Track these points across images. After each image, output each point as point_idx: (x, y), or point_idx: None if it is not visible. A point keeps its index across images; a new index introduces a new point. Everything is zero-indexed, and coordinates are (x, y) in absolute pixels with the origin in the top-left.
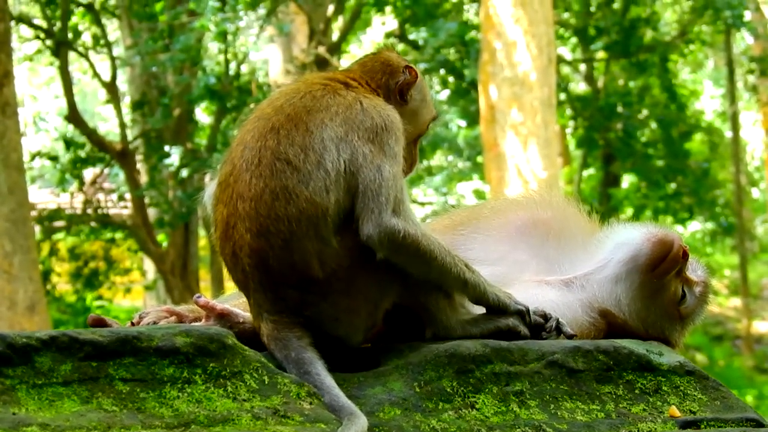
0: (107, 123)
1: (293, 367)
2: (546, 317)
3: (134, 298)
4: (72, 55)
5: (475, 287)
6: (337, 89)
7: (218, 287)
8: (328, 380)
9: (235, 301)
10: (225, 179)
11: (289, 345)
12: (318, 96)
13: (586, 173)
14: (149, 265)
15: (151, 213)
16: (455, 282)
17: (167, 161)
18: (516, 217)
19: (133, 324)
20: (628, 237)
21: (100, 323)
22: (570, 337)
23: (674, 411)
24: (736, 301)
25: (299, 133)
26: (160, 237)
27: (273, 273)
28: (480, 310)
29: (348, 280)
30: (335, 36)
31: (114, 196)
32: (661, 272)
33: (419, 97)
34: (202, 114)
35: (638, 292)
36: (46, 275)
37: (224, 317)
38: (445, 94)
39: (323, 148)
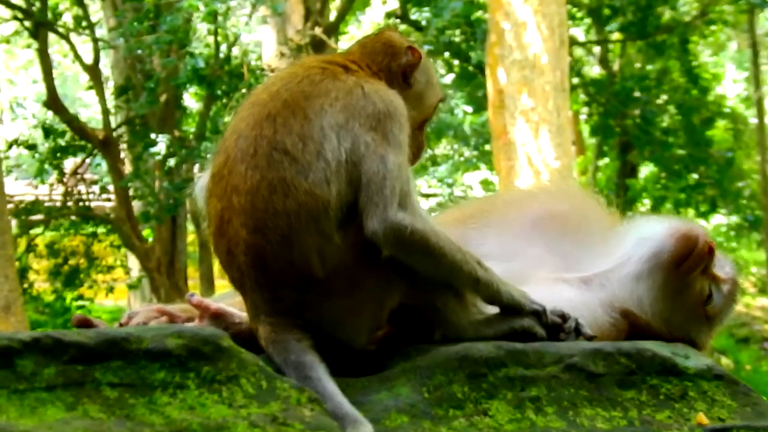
0: (89, 109)
1: (293, 372)
2: (564, 317)
3: (117, 298)
4: (52, 37)
5: (488, 285)
6: (337, 73)
7: (208, 286)
8: (330, 385)
9: (230, 300)
10: (218, 171)
11: (289, 348)
12: (316, 81)
13: (601, 163)
14: (134, 262)
15: (136, 206)
16: (467, 280)
17: (153, 150)
18: (531, 209)
19: (121, 324)
20: (651, 232)
21: (85, 324)
22: (590, 338)
23: (702, 418)
24: (764, 301)
25: (297, 121)
26: (146, 232)
27: (271, 271)
28: (493, 309)
29: (351, 279)
30: (333, 16)
31: (96, 188)
32: (685, 270)
33: (424, 80)
34: (191, 99)
35: (661, 291)
36: (23, 273)
37: (219, 317)
38: (450, 78)
39: (323, 137)
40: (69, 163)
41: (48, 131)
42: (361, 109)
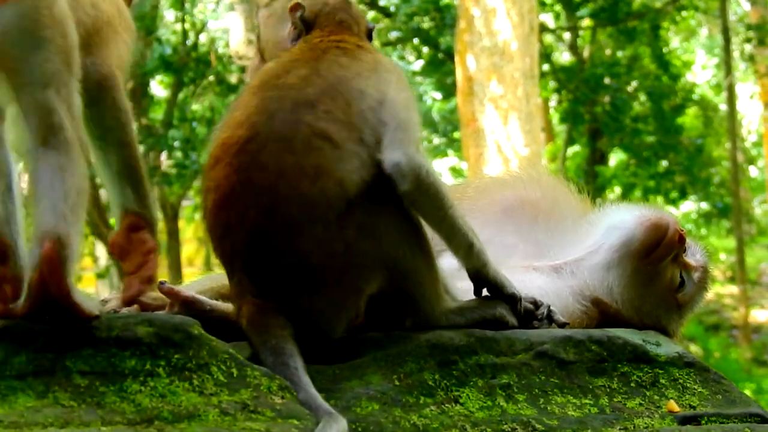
0: None
1: (270, 355)
2: (536, 304)
3: (85, 286)
4: None
5: (480, 253)
6: (355, 52)
7: (176, 275)
8: (305, 378)
9: (201, 288)
10: (240, 143)
11: (270, 331)
12: (344, 64)
13: (571, 150)
14: (101, 251)
15: (103, 193)
16: (463, 240)
17: None
18: (503, 197)
19: None
20: (621, 220)
21: None
22: (562, 325)
23: (673, 405)
24: (733, 288)
25: (339, 108)
26: (113, 220)
27: (268, 255)
28: (467, 297)
29: (340, 268)
30: None
31: None
32: (655, 258)
33: None
34: (158, 87)
35: (631, 279)
36: None
37: (190, 305)
38: (419, 64)
39: (364, 122)
40: None
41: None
42: (390, 80)
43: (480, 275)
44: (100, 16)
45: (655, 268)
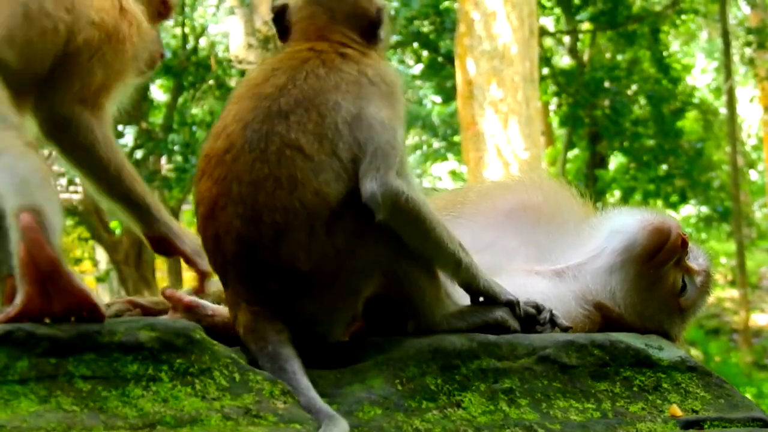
0: None
1: (267, 361)
2: (538, 308)
3: None
4: None
5: (468, 269)
6: (337, 63)
7: (176, 278)
8: (304, 381)
9: (202, 292)
10: (219, 155)
11: (267, 338)
12: (322, 75)
13: (570, 154)
14: (101, 255)
15: None
16: (449, 259)
17: (120, 142)
18: (504, 201)
19: None
20: (623, 224)
21: None
22: (565, 329)
23: (675, 410)
24: (734, 292)
25: (311, 120)
26: (113, 224)
27: (258, 263)
28: (467, 302)
29: (332, 272)
30: None
31: (63, 180)
32: (658, 263)
33: (384, 36)
34: (158, 91)
35: (634, 283)
36: None
37: (192, 310)
38: (418, 68)
39: (338, 135)
40: None
41: None
42: (371, 95)
43: (471, 288)
44: (86, 32)
45: (658, 272)
